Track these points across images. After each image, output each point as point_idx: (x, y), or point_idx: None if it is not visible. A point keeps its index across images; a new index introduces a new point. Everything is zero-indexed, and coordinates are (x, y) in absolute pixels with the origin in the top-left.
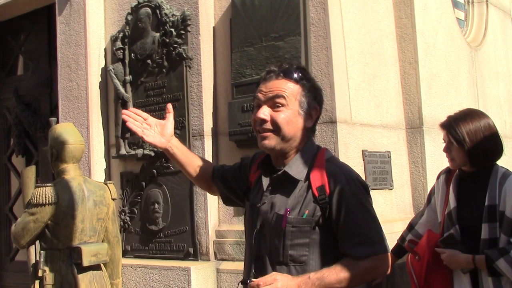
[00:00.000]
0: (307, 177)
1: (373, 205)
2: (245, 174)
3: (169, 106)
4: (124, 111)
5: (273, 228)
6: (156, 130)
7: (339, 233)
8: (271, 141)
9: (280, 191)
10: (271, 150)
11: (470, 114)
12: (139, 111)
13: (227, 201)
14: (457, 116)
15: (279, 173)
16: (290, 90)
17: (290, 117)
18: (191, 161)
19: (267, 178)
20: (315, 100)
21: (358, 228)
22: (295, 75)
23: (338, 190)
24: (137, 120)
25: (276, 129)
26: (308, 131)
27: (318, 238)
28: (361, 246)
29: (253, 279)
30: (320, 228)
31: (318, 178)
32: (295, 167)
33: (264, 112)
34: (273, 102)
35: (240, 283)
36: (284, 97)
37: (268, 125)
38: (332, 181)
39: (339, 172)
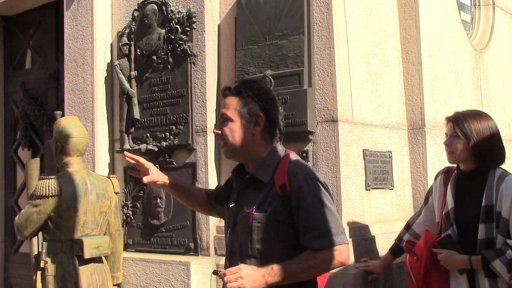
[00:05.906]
0: (272, 178)
1: (373, 205)
2: (233, 184)
3: (126, 154)
4: (126, 153)
5: (243, 225)
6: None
7: (299, 227)
8: (226, 151)
9: (248, 192)
10: (231, 158)
11: (478, 114)
12: (136, 157)
13: None
14: (465, 113)
15: (247, 176)
16: (231, 103)
17: (233, 128)
18: (188, 193)
19: (239, 182)
20: (260, 107)
21: (316, 222)
22: (235, 90)
23: (297, 187)
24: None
25: (226, 140)
26: (265, 137)
27: (282, 232)
28: (319, 239)
29: (221, 269)
30: (283, 223)
31: (280, 178)
32: (261, 171)
33: (217, 127)
34: (223, 117)
35: (212, 273)
36: (226, 111)
37: (222, 138)
38: (292, 180)
39: (299, 172)
